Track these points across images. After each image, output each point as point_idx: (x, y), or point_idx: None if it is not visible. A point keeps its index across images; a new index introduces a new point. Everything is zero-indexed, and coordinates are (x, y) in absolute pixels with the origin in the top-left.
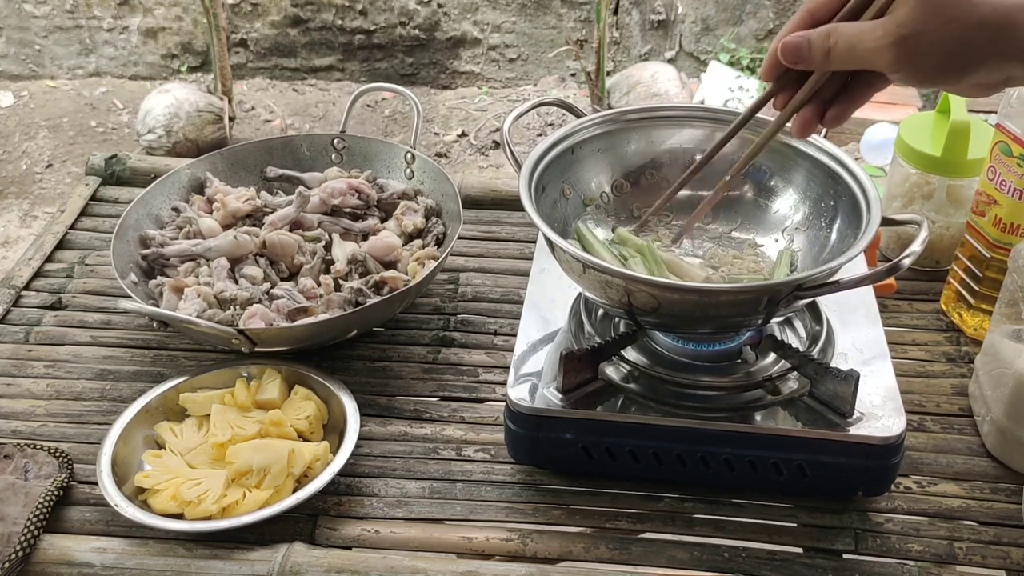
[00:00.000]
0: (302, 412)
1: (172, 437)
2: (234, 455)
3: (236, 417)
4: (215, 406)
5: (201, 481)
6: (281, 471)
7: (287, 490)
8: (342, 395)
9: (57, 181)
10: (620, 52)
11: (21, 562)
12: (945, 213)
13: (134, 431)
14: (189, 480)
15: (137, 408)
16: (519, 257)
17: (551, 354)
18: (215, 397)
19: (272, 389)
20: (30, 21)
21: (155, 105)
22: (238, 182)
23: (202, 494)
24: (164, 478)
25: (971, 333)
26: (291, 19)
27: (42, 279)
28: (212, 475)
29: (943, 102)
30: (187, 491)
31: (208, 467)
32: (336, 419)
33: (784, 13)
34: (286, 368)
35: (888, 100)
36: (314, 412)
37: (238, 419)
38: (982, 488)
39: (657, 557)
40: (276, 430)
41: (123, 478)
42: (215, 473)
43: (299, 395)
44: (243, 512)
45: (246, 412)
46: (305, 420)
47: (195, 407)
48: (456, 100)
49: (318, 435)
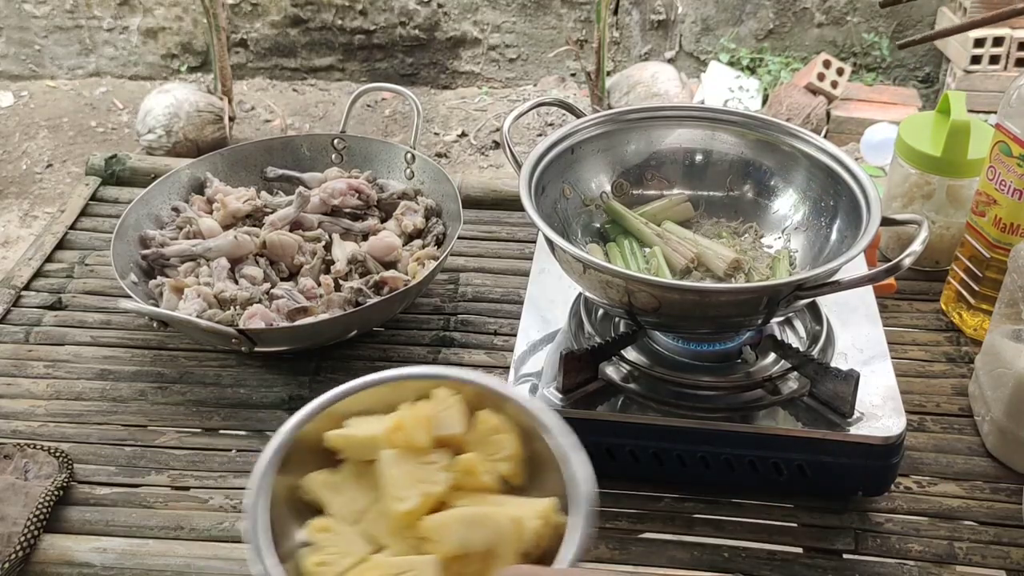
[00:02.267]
0: (497, 450)
1: (331, 496)
2: (438, 534)
3: (415, 467)
4: (385, 454)
5: (407, 574)
6: (509, 552)
7: None
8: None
9: (57, 181)
10: (620, 52)
11: (21, 562)
12: (945, 213)
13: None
14: (391, 574)
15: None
16: (519, 257)
17: (551, 354)
18: (381, 440)
19: (453, 420)
20: (30, 21)
21: (155, 105)
22: (238, 182)
23: None
24: (347, 563)
25: (971, 333)
26: (291, 19)
27: (42, 279)
28: (420, 565)
29: (943, 102)
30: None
31: (396, 542)
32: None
33: (784, 13)
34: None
35: (888, 100)
36: (513, 449)
37: (419, 469)
38: (982, 488)
39: (657, 557)
40: (472, 481)
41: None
42: (423, 562)
43: (485, 424)
44: None
45: (425, 456)
46: (505, 462)
47: (354, 449)
48: (456, 100)
49: (522, 479)
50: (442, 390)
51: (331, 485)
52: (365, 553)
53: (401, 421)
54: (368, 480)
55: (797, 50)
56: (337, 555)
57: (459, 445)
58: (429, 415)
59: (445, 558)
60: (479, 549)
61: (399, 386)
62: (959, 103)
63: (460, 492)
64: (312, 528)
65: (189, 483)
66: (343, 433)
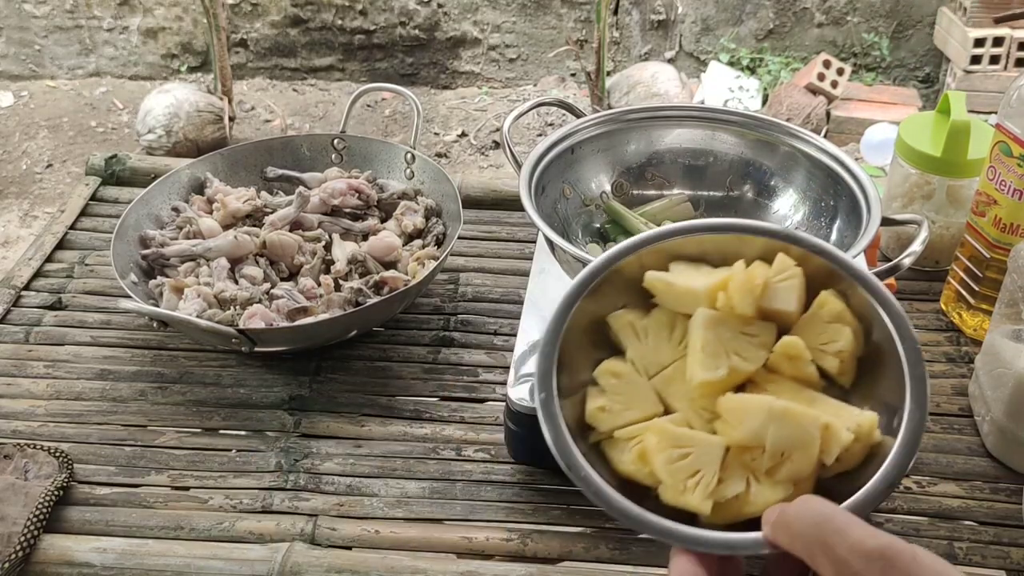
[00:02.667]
0: (831, 341)
1: (634, 340)
2: (735, 417)
3: (732, 336)
4: (702, 312)
5: (689, 452)
6: (806, 461)
7: (805, 487)
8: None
9: (57, 181)
10: (620, 52)
11: (21, 562)
12: (945, 213)
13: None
14: (670, 445)
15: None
16: (519, 257)
17: None
18: (701, 295)
19: (789, 295)
20: (30, 21)
21: (155, 105)
22: (238, 182)
23: (690, 477)
24: (630, 417)
25: (971, 333)
26: (291, 19)
27: (42, 279)
28: (704, 445)
29: (943, 102)
30: (665, 462)
31: (686, 410)
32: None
33: (784, 13)
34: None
35: (888, 100)
36: (849, 345)
37: (735, 340)
38: (982, 488)
39: (657, 557)
40: (790, 367)
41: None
42: (709, 443)
43: (827, 309)
44: (744, 514)
45: (745, 325)
46: (835, 357)
47: (671, 298)
48: (456, 100)
49: (848, 379)
50: (785, 257)
51: (636, 328)
52: (651, 411)
53: (729, 281)
54: (677, 334)
55: (797, 50)
56: (621, 405)
57: (787, 324)
58: (763, 282)
59: (733, 445)
60: (774, 448)
61: (742, 240)
62: (959, 103)
63: (773, 376)
64: (603, 370)
65: (189, 483)
66: (664, 277)
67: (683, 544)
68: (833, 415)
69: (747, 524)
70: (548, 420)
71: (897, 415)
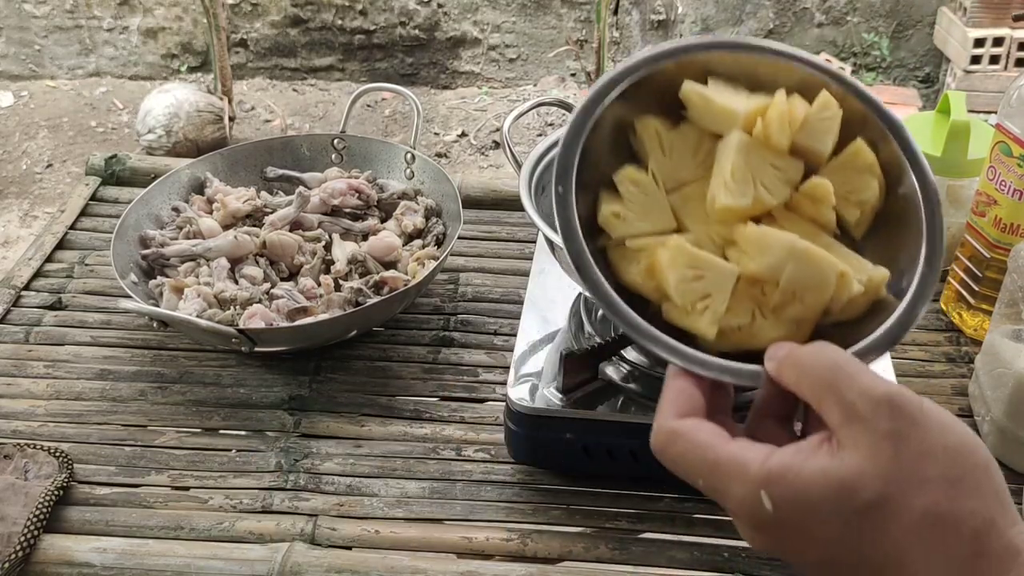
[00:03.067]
0: (856, 190)
1: (658, 151)
2: (754, 248)
3: (761, 165)
4: (737, 135)
5: (703, 276)
6: (816, 304)
7: (806, 329)
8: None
9: (57, 181)
10: (620, 52)
11: (21, 562)
12: (945, 213)
13: (607, 115)
14: (686, 264)
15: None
16: (519, 257)
17: (551, 354)
18: (739, 117)
19: (826, 135)
20: (30, 21)
21: (155, 105)
22: (238, 182)
23: (700, 299)
24: (642, 229)
25: (971, 333)
26: (291, 19)
27: (42, 279)
28: (719, 271)
29: (943, 102)
30: (677, 281)
31: (701, 233)
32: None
33: (784, 13)
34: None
35: (888, 100)
36: (873, 198)
37: (763, 170)
38: None
39: (657, 557)
40: (811, 209)
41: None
42: (723, 269)
43: (859, 158)
44: (743, 346)
45: (776, 157)
46: (857, 207)
47: (705, 114)
48: (456, 100)
49: (861, 231)
50: (829, 95)
51: (663, 139)
52: (665, 227)
53: (769, 108)
54: (704, 154)
55: None
56: (635, 215)
57: (816, 164)
58: (803, 116)
59: (746, 276)
60: (788, 286)
61: (783, 67)
62: (959, 103)
63: (790, 215)
64: (623, 176)
65: (189, 483)
66: (702, 91)
67: (686, 364)
68: (848, 264)
69: (744, 356)
70: (563, 217)
71: (906, 277)
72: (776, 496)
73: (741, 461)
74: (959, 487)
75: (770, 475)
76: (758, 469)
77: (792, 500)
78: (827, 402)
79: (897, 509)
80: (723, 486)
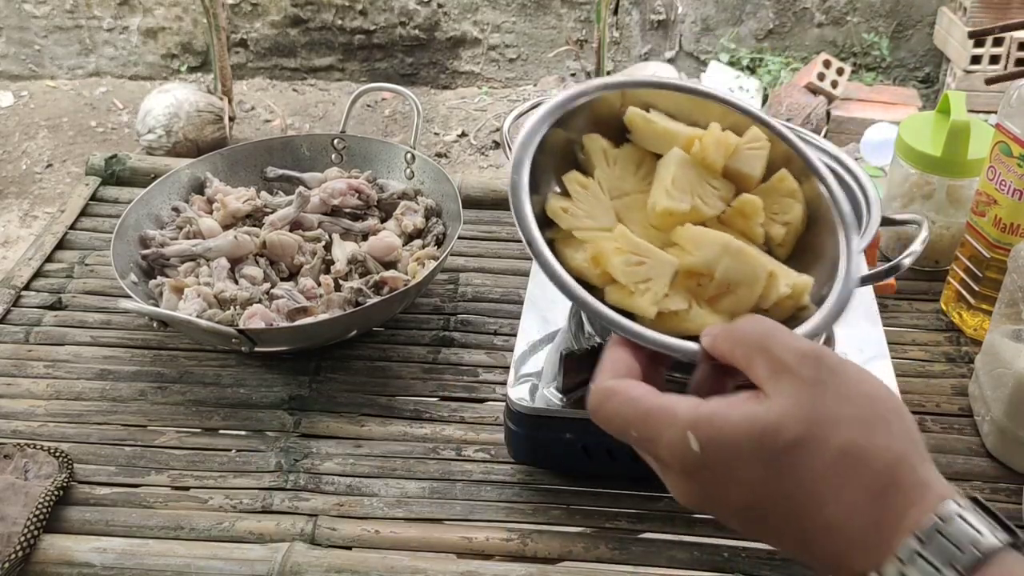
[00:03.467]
0: (782, 211)
1: (604, 163)
2: (693, 244)
3: (698, 181)
4: (677, 152)
5: (645, 262)
6: (747, 298)
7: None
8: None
9: (57, 181)
10: (620, 52)
11: (21, 562)
12: (945, 213)
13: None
14: (627, 251)
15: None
16: (519, 257)
17: (551, 354)
18: (680, 138)
19: (755, 161)
20: (30, 21)
21: (155, 105)
22: (238, 182)
23: (641, 282)
24: (588, 224)
25: (971, 333)
26: (291, 19)
27: (42, 279)
28: (659, 259)
29: (943, 102)
30: (622, 264)
31: (642, 233)
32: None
33: (784, 13)
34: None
35: (888, 100)
36: (797, 219)
37: (700, 185)
38: (982, 488)
39: (657, 557)
40: (742, 223)
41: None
42: (663, 258)
43: (784, 184)
44: (680, 329)
45: (711, 177)
46: (782, 226)
47: (648, 135)
48: (456, 100)
49: (785, 252)
50: (758, 130)
51: (608, 154)
52: (608, 225)
53: (706, 133)
54: (645, 171)
55: (797, 50)
56: (582, 212)
57: (746, 188)
58: (735, 143)
59: (684, 268)
60: (722, 278)
61: (717, 110)
62: (959, 103)
63: (725, 228)
64: (571, 177)
65: (189, 483)
66: (646, 115)
67: (627, 334)
68: (777, 268)
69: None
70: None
71: (824, 289)
72: (703, 438)
73: (671, 407)
74: (873, 426)
75: (698, 418)
76: (686, 412)
77: (718, 441)
78: (756, 361)
79: (816, 447)
80: (654, 433)
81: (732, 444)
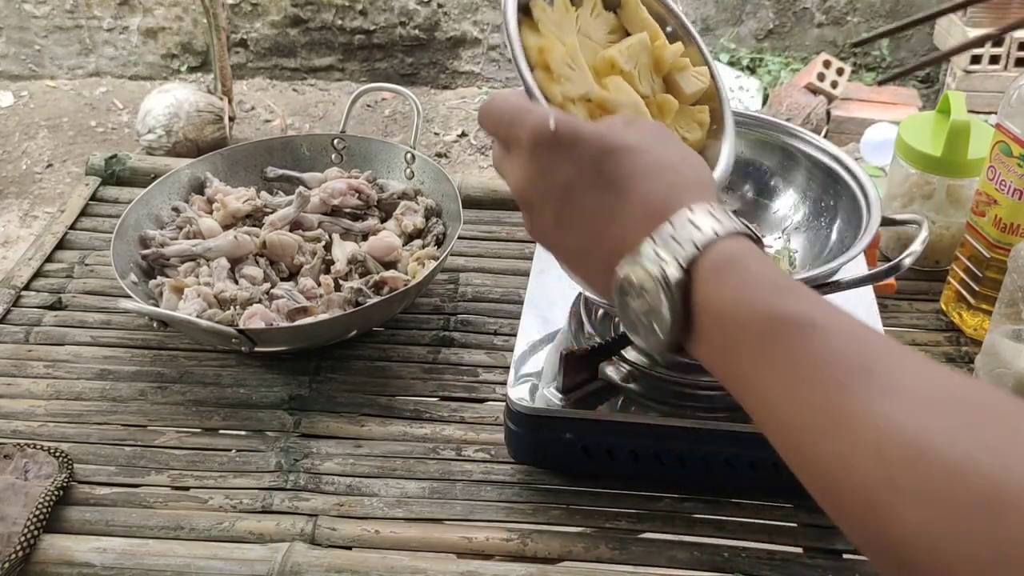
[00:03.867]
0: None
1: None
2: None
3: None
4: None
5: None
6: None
7: None
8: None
9: (57, 181)
10: None
11: (21, 562)
12: (945, 213)
13: None
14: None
15: None
16: (519, 257)
17: (551, 354)
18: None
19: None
20: (30, 21)
21: (155, 105)
22: (238, 182)
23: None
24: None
25: (971, 333)
26: (291, 19)
27: (42, 279)
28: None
29: (943, 102)
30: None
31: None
32: None
33: (784, 13)
34: None
35: (888, 100)
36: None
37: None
38: None
39: (657, 557)
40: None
41: None
42: (589, 80)
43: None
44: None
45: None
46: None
47: (632, 17)
48: (456, 100)
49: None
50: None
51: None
52: (564, 39)
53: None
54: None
55: (797, 50)
56: (553, 22)
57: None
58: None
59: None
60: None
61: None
62: (959, 103)
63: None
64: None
65: (189, 483)
66: (639, 3)
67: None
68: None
69: None
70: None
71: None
72: (561, 121)
73: (543, 105)
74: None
75: (560, 111)
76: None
77: (570, 127)
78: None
79: (637, 154)
80: (524, 116)
81: (578, 132)
